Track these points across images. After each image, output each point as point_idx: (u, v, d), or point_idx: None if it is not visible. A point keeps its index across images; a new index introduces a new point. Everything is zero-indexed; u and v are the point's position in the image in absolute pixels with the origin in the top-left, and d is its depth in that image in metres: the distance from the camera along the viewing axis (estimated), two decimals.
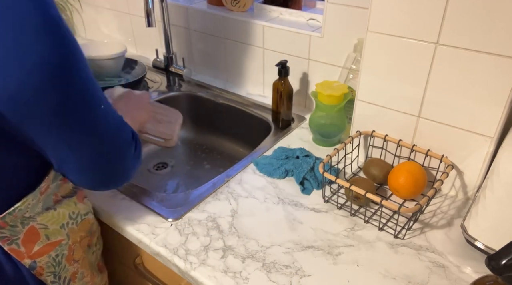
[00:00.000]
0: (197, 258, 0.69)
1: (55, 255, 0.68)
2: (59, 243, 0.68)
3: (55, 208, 0.67)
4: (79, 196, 0.72)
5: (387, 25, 0.75)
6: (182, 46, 1.33)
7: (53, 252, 0.67)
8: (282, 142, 1.00)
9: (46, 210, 0.65)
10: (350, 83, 0.98)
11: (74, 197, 0.70)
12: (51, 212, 0.66)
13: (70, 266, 0.71)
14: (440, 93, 0.75)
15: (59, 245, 0.68)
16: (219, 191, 0.84)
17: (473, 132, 0.74)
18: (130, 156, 0.63)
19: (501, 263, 0.47)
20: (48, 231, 0.66)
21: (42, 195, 0.63)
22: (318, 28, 1.04)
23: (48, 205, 0.65)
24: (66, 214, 0.69)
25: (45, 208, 0.65)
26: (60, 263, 0.69)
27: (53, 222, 0.67)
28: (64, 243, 0.69)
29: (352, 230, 0.74)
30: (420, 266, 0.67)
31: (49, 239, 0.66)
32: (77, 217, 0.71)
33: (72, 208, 0.70)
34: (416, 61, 0.74)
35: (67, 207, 0.69)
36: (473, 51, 0.68)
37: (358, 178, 0.82)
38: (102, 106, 0.56)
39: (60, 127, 0.53)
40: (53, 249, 0.67)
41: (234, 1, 1.17)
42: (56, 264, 0.68)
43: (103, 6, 1.52)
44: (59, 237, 0.68)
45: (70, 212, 0.70)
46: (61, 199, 0.68)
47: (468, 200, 0.81)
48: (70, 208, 0.70)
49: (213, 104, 1.22)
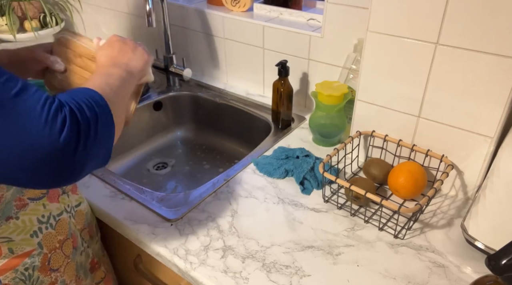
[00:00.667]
0: (197, 258, 0.69)
1: (23, 269, 0.61)
2: (28, 255, 0.62)
3: (18, 216, 0.60)
4: (52, 196, 0.65)
5: (387, 25, 0.75)
6: (182, 46, 1.33)
7: (20, 266, 0.61)
8: (282, 142, 1.00)
9: (6, 221, 0.59)
10: (350, 83, 0.98)
11: (44, 198, 0.64)
12: (12, 222, 0.59)
13: (45, 277, 0.65)
14: (440, 93, 0.75)
15: (29, 257, 0.62)
16: (219, 191, 0.84)
17: (473, 132, 0.74)
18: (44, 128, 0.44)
19: (501, 263, 0.47)
20: (13, 244, 0.60)
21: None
22: (318, 28, 1.04)
23: (8, 214, 0.59)
24: (34, 220, 0.62)
25: (5, 219, 0.58)
26: (32, 276, 0.63)
27: (19, 232, 0.60)
28: (36, 254, 0.63)
29: (352, 230, 0.74)
30: (420, 266, 0.67)
31: (13, 253, 0.60)
32: (49, 219, 0.64)
33: (41, 211, 0.63)
34: (416, 61, 0.74)
35: (34, 212, 0.62)
36: (473, 51, 0.68)
37: (358, 178, 0.82)
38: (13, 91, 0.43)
39: None
40: (21, 262, 0.61)
41: (234, 1, 1.17)
42: (26, 278, 0.62)
43: (103, 6, 1.52)
44: (27, 248, 0.61)
45: (39, 216, 0.62)
46: (28, 203, 0.61)
47: (468, 200, 0.81)
48: (38, 212, 0.62)
49: (213, 104, 1.22)
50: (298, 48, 1.06)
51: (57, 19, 1.57)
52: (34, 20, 1.51)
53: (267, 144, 0.99)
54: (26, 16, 1.48)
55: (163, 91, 1.27)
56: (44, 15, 1.52)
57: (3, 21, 1.44)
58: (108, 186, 0.85)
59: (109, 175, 0.88)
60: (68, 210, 0.69)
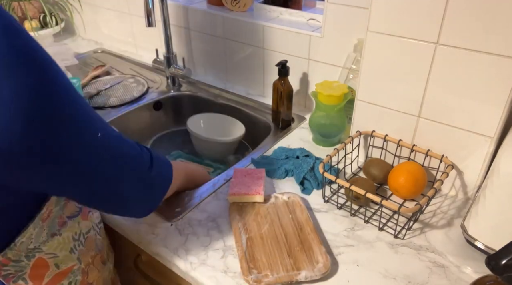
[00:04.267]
0: (197, 258, 0.69)
1: (67, 283, 0.64)
2: (71, 270, 0.64)
3: (61, 233, 0.61)
4: (84, 213, 0.66)
5: (387, 25, 0.75)
6: (182, 46, 1.33)
7: (65, 280, 0.63)
8: (282, 142, 1.00)
9: (51, 237, 0.60)
10: (350, 83, 0.98)
11: (79, 216, 0.65)
12: (56, 239, 0.60)
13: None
14: (440, 93, 0.75)
15: (71, 272, 0.64)
16: (219, 191, 0.84)
17: (473, 132, 0.74)
18: (143, 174, 0.59)
19: (501, 263, 0.47)
20: (58, 260, 0.61)
21: (45, 221, 0.57)
22: (318, 28, 1.04)
23: (53, 230, 0.60)
24: (70, 237, 0.63)
25: (51, 235, 0.59)
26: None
27: (61, 248, 0.61)
28: (77, 269, 0.65)
29: (352, 230, 0.74)
30: (420, 266, 0.67)
31: (59, 268, 0.62)
32: (80, 237, 0.66)
33: (75, 229, 0.64)
34: (416, 61, 0.74)
35: (71, 229, 0.63)
36: (473, 51, 0.68)
37: (358, 178, 0.82)
38: (99, 134, 0.50)
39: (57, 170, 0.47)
40: (65, 277, 0.63)
41: (234, 1, 1.17)
42: None
43: (103, 6, 1.52)
44: (70, 263, 0.63)
45: (73, 233, 0.64)
46: (66, 221, 0.62)
47: (468, 200, 0.81)
48: (73, 229, 0.64)
49: (213, 104, 1.22)
50: (298, 48, 1.06)
51: (57, 19, 1.57)
52: (34, 20, 1.51)
53: (267, 144, 0.99)
54: (26, 16, 1.48)
55: (163, 91, 1.27)
56: (44, 15, 1.52)
57: None
58: None
59: None
60: (93, 227, 0.71)
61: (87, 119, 0.49)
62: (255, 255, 0.67)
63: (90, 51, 1.55)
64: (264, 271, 0.64)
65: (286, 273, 0.64)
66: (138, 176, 0.59)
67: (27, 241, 0.56)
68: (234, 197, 0.78)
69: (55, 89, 0.44)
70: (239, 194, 0.78)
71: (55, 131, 0.44)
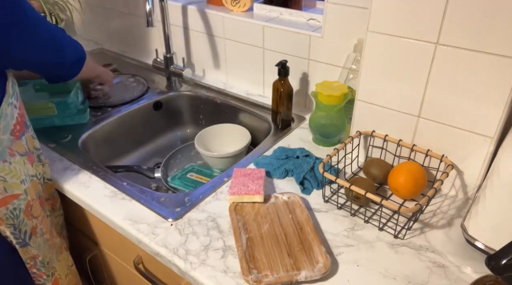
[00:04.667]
0: (197, 258, 0.69)
1: (12, 208, 0.74)
2: (17, 197, 0.75)
3: (10, 162, 0.73)
4: (29, 158, 0.79)
5: (387, 25, 0.75)
6: (182, 46, 1.33)
7: (10, 205, 0.74)
8: (282, 142, 1.00)
9: (3, 162, 0.71)
10: (350, 83, 0.98)
11: (25, 156, 0.77)
12: (7, 165, 0.72)
13: (28, 220, 0.78)
14: (440, 93, 0.75)
15: (17, 199, 0.75)
16: (219, 191, 0.84)
17: (473, 132, 0.74)
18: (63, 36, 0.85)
19: (501, 263, 0.47)
20: (7, 184, 0.73)
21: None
22: (318, 28, 1.04)
23: (3, 157, 0.72)
24: (21, 171, 0.76)
25: (2, 160, 0.71)
26: (18, 217, 0.75)
27: (11, 176, 0.73)
28: (23, 198, 0.76)
29: (352, 230, 0.74)
30: (420, 266, 0.67)
31: (7, 192, 0.73)
32: (26, 176, 0.77)
33: (22, 166, 0.76)
34: (416, 61, 0.74)
35: (20, 163, 0.76)
36: (473, 51, 0.68)
37: (358, 178, 0.82)
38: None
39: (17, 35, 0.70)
40: (11, 202, 0.74)
41: (234, 1, 1.17)
42: (14, 216, 0.75)
43: (103, 6, 1.52)
44: (16, 191, 0.74)
45: (24, 170, 0.77)
46: (16, 155, 0.75)
47: (468, 200, 0.81)
48: (22, 166, 0.76)
49: (213, 104, 1.22)
50: (298, 48, 1.06)
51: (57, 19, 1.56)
52: None
53: (267, 144, 0.99)
54: None
55: (163, 91, 1.27)
56: (44, 15, 1.52)
57: None
58: (108, 186, 0.85)
59: (109, 175, 0.88)
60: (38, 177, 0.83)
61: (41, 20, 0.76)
62: (255, 255, 0.67)
63: (90, 51, 1.55)
64: (264, 271, 0.64)
65: (286, 273, 0.64)
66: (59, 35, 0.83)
67: None
68: (234, 197, 0.78)
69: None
70: (239, 194, 0.78)
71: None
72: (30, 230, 0.79)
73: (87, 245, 0.99)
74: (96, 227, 0.93)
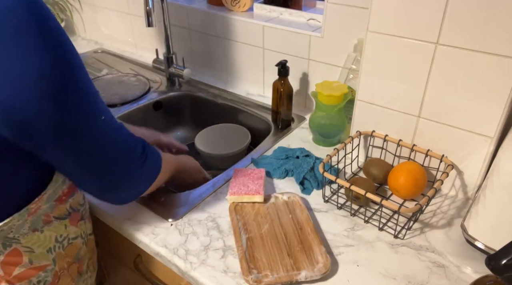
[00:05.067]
0: (197, 258, 0.69)
1: (36, 281, 0.63)
2: (43, 269, 0.63)
3: (43, 230, 0.62)
4: (73, 219, 0.68)
5: (387, 25, 0.75)
6: (182, 46, 1.33)
7: (35, 278, 0.62)
8: (282, 142, 1.00)
9: (32, 232, 0.61)
10: (350, 83, 0.98)
11: (67, 219, 0.66)
12: (37, 235, 0.61)
13: None
14: (440, 93, 0.75)
15: (44, 271, 0.63)
16: (219, 191, 0.84)
17: (473, 132, 0.74)
18: (134, 163, 0.63)
19: (501, 263, 0.47)
20: (33, 255, 0.61)
21: (30, 216, 0.59)
22: (318, 28, 1.04)
23: (35, 226, 0.61)
24: (53, 237, 0.64)
25: (32, 230, 0.61)
26: None
27: (39, 245, 0.62)
28: (50, 269, 0.64)
29: (352, 230, 0.74)
30: (420, 266, 0.67)
31: (32, 264, 0.61)
32: (63, 240, 0.66)
33: (61, 231, 0.65)
34: (416, 61, 0.74)
35: (56, 230, 0.64)
36: (473, 51, 0.68)
37: (358, 178, 0.82)
38: (103, 117, 0.56)
39: (62, 142, 0.53)
40: (36, 274, 0.62)
41: (234, 1, 1.17)
42: None
43: (103, 6, 1.52)
44: (44, 262, 0.63)
45: (58, 235, 0.65)
46: (52, 221, 0.64)
47: (468, 200, 0.81)
48: (59, 231, 0.65)
49: (213, 104, 1.22)
50: (298, 48, 1.06)
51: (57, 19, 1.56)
52: None
53: (267, 144, 0.99)
54: None
55: (163, 91, 1.27)
56: None
57: None
58: None
59: None
60: (83, 236, 0.72)
61: (95, 100, 0.55)
62: (255, 255, 0.67)
63: (90, 51, 1.55)
64: (264, 271, 0.64)
65: (286, 273, 0.64)
66: (130, 162, 0.63)
67: (8, 230, 0.57)
68: (234, 197, 0.78)
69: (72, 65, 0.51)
70: (239, 194, 0.78)
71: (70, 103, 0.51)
72: None
73: None
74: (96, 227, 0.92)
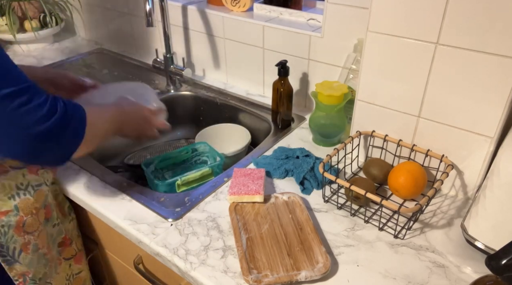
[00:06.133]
0: (197, 258, 0.69)
1: (0, 225, 0.70)
2: (5, 214, 0.70)
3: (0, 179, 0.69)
4: (31, 168, 0.73)
5: (387, 25, 0.75)
6: (182, 46, 1.33)
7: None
8: (282, 142, 1.00)
9: None
10: (350, 83, 0.98)
11: (24, 168, 0.71)
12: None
13: (19, 237, 0.73)
14: (440, 93, 0.75)
15: (6, 216, 0.71)
16: (219, 191, 0.84)
17: (473, 132, 0.74)
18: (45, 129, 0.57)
19: (501, 263, 0.47)
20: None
21: None
22: (318, 28, 1.04)
23: None
24: (13, 185, 0.71)
25: None
26: (7, 233, 0.71)
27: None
28: (12, 215, 0.71)
29: (352, 230, 0.74)
30: (420, 266, 0.67)
31: None
32: (27, 187, 0.72)
33: (20, 179, 0.71)
34: (416, 61, 0.74)
35: (14, 178, 0.70)
36: (473, 51, 0.68)
37: (358, 178, 0.82)
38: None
39: None
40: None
41: (234, 1, 1.17)
42: (1, 234, 0.71)
43: (103, 6, 1.52)
44: (4, 208, 0.70)
45: (18, 183, 0.71)
46: (9, 170, 0.70)
47: (468, 200, 0.81)
48: (17, 180, 0.71)
49: (213, 104, 1.22)
50: (298, 48, 1.06)
51: (57, 19, 1.57)
52: (34, 20, 1.51)
53: (267, 144, 0.99)
54: (26, 16, 1.48)
55: (163, 91, 1.27)
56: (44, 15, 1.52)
57: (3, 21, 1.44)
58: (108, 186, 0.85)
59: (109, 175, 0.88)
60: (47, 184, 0.77)
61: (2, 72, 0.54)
62: (255, 255, 0.67)
63: (90, 51, 1.55)
64: (264, 271, 0.64)
65: (286, 273, 0.64)
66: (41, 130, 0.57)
67: None
68: (234, 197, 0.78)
69: None
70: (239, 194, 0.78)
71: None
72: (20, 247, 0.74)
73: (87, 245, 0.99)
74: (96, 227, 0.93)
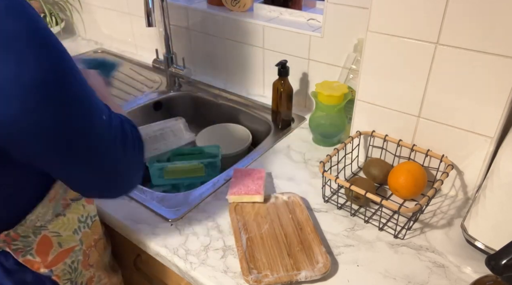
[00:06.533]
0: (197, 258, 0.69)
1: (70, 262, 0.68)
2: (72, 250, 0.68)
3: (65, 213, 0.65)
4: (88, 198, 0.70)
5: (387, 25, 0.75)
6: (182, 46, 1.33)
7: (68, 259, 0.67)
8: (282, 142, 1.00)
9: (56, 217, 0.64)
10: (350, 83, 0.98)
11: (82, 199, 0.68)
12: (61, 219, 0.65)
13: (86, 271, 0.71)
14: (440, 93, 0.75)
15: (73, 251, 0.68)
16: (219, 191, 0.84)
17: (473, 132, 0.74)
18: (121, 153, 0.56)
19: (501, 263, 0.47)
20: (61, 239, 0.65)
21: (51, 202, 0.62)
22: (318, 28, 1.04)
23: (57, 211, 0.64)
24: (75, 218, 0.67)
25: (55, 215, 0.64)
26: (76, 270, 0.69)
27: (65, 228, 0.66)
28: (78, 249, 0.69)
29: (352, 230, 0.74)
30: (420, 266, 0.67)
31: (61, 247, 0.66)
32: (86, 219, 0.70)
33: (81, 211, 0.68)
34: (416, 61, 0.74)
35: (76, 211, 0.67)
36: (473, 51, 0.68)
37: (358, 178, 0.82)
38: (104, 117, 0.52)
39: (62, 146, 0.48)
40: (68, 255, 0.67)
41: (234, 1, 1.17)
42: (72, 270, 0.69)
43: (103, 6, 1.52)
44: (72, 243, 0.67)
45: (79, 216, 0.68)
46: (70, 203, 0.66)
47: (468, 200, 0.81)
48: (79, 212, 0.68)
49: (213, 104, 1.22)
50: (298, 48, 1.06)
51: (57, 19, 1.57)
52: None
53: (267, 144, 0.99)
54: None
55: (163, 91, 1.27)
56: (44, 15, 1.52)
57: None
58: None
59: None
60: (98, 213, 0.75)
61: (94, 101, 0.51)
62: (255, 255, 0.67)
63: (90, 51, 1.55)
64: (264, 271, 0.64)
65: (286, 273, 0.64)
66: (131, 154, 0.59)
67: (35, 219, 0.60)
68: (234, 197, 0.78)
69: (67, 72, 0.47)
70: (239, 194, 0.78)
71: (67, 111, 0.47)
72: (86, 281, 0.73)
73: None
74: None
